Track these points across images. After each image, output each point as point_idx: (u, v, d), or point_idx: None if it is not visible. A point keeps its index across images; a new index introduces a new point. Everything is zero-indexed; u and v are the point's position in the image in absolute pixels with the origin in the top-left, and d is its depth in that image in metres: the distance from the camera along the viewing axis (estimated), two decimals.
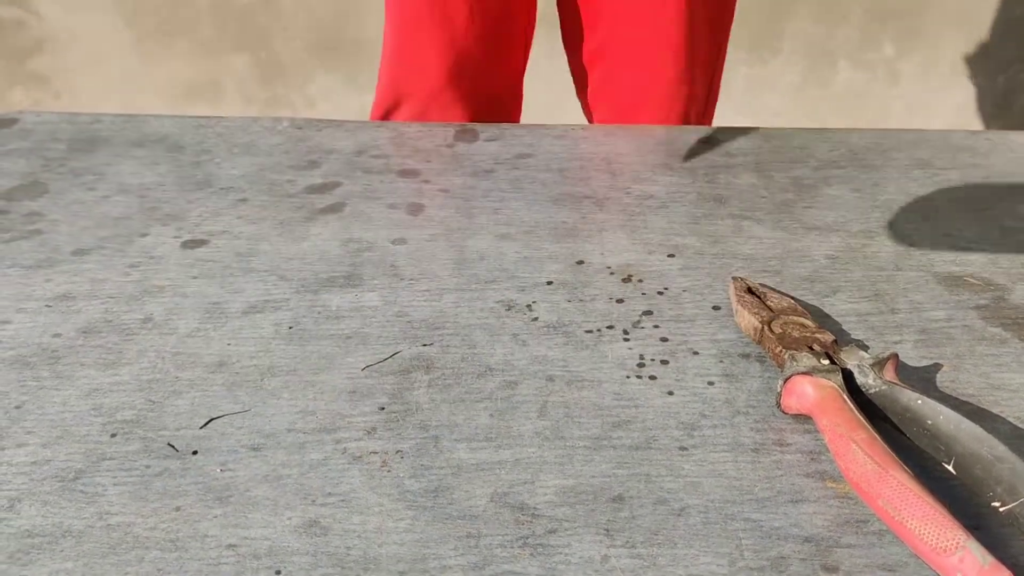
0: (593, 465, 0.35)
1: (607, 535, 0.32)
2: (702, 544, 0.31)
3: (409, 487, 0.34)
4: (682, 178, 0.57)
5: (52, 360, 0.41)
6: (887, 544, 0.31)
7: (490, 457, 0.35)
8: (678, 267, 0.48)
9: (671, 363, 0.40)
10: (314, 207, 0.54)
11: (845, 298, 0.45)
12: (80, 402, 0.38)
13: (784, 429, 0.37)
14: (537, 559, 0.31)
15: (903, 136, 0.63)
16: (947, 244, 0.50)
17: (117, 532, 0.32)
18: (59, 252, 0.49)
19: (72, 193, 0.55)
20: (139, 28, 1.65)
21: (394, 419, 0.37)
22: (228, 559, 0.31)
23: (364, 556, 0.31)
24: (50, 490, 0.34)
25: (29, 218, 0.53)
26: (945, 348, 0.41)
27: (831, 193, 0.55)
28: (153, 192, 0.56)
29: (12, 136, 0.63)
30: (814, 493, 0.34)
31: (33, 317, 0.44)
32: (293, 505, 0.33)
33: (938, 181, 0.56)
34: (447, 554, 0.31)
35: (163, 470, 0.35)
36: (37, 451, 0.36)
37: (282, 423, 0.37)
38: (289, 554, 0.31)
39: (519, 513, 0.33)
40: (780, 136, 0.63)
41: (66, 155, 0.60)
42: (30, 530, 0.32)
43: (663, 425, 0.37)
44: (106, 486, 0.34)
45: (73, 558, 0.31)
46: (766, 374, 0.40)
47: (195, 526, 0.32)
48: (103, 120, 0.65)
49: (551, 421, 0.37)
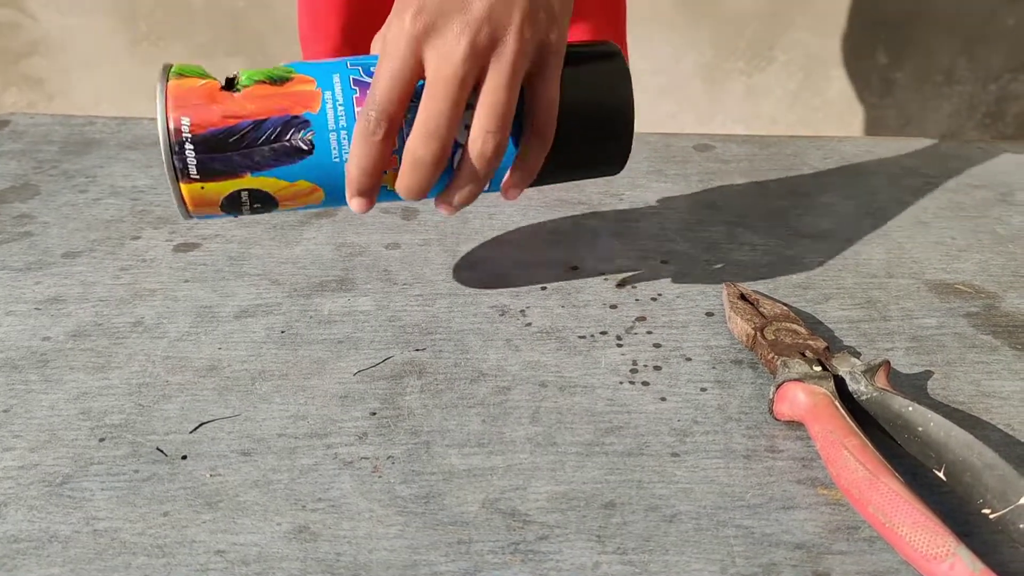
0: (585, 471, 0.35)
1: (598, 541, 0.32)
2: (693, 550, 0.31)
3: (400, 493, 0.34)
4: (676, 184, 0.57)
5: (41, 363, 0.40)
6: (878, 551, 0.31)
7: (482, 463, 0.35)
8: (671, 273, 0.48)
9: (664, 369, 0.40)
10: (307, 211, 0.53)
11: (837, 305, 0.45)
12: (68, 406, 0.38)
13: (776, 435, 0.37)
14: (528, 565, 0.31)
15: (895, 144, 0.63)
16: (939, 252, 0.50)
17: (104, 538, 0.32)
18: (49, 254, 0.49)
19: (64, 195, 0.55)
20: (134, 31, 1.65)
21: (386, 424, 0.37)
22: (216, 565, 0.31)
23: (354, 562, 0.31)
24: (37, 495, 0.33)
25: (20, 220, 0.52)
26: (936, 355, 0.41)
27: (824, 200, 0.55)
28: (145, 195, 0.55)
29: (3, 138, 0.63)
30: (805, 499, 0.33)
31: (22, 320, 0.43)
32: (283, 511, 0.33)
33: (930, 189, 0.57)
34: (438, 560, 0.31)
35: (151, 475, 0.34)
36: (24, 455, 0.35)
37: (273, 428, 0.37)
38: (278, 560, 0.31)
39: (510, 519, 0.33)
40: (774, 143, 0.63)
41: (58, 157, 0.60)
42: (16, 535, 0.32)
43: (655, 431, 0.37)
44: (94, 491, 0.34)
45: (60, 564, 0.31)
46: (758, 380, 0.40)
47: (183, 532, 0.32)
48: (96, 123, 0.65)
49: (543, 427, 0.37)
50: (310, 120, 0.33)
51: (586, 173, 0.41)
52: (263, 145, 0.33)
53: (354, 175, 0.34)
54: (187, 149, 0.33)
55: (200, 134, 0.33)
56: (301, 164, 0.34)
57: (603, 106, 0.38)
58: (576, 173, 0.41)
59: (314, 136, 0.33)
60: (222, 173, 0.34)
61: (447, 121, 0.33)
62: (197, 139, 0.33)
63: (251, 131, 0.33)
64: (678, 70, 1.60)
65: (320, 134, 0.34)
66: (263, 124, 0.33)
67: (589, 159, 0.40)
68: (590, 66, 0.38)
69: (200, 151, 0.33)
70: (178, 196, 0.34)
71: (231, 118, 0.33)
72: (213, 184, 0.34)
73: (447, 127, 0.33)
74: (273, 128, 0.33)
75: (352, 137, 0.34)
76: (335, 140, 0.34)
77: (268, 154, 0.33)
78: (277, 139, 0.33)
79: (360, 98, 0.34)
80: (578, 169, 0.41)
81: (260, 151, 0.33)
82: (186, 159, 0.33)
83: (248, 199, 0.35)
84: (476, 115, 0.34)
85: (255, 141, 0.33)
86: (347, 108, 0.34)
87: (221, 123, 0.33)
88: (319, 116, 0.33)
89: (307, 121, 0.33)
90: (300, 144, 0.33)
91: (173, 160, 0.32)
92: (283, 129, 0.33)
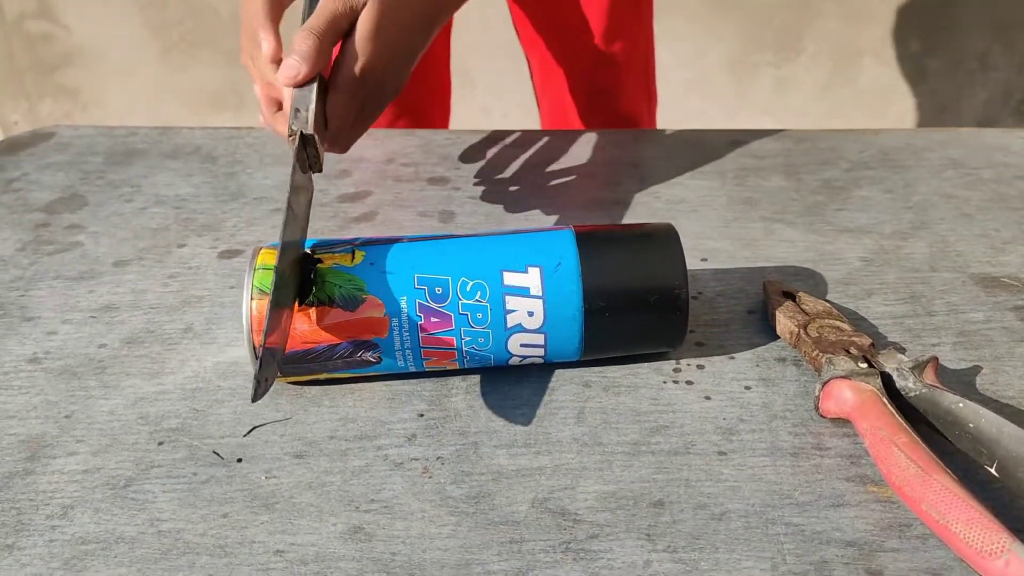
0: (632, 470, 0.35)
1: (648, 540, 0.32)
2: (744, 548, 0.32)
3: (451, 493, 0.34)
4: (711, 181, 0.57)
5: (99, 370, 0.42)
6: (931, 548, 0.31)
7: (530, 463, 0.36)
8: (711, 271, 0.48)
9: (707, 368, 0.41)
10: (347, 216, 0.54)
11: (880, 301, 0.45)
12: (127, 411, 0.39)
13: (823, 433, 0.37)
14: (580, 564, 0.31)
15: (934, 135, 0.62)
16: (983, 244, 0.49)
17: (168, 538, 0.33)
18: (100, 263, 0.50)
19: (110, 205, 0.57)
20: (164, 39, 1.68)
21: (433, 426, 0.38)
22: (276, 565, 0.32)
23: (409, 562, 0.32)
24: (102, 497, 0.35)
25: (70, 230, 0.54)
26: (984, 350, 0.41)
27: (862, 195, 0.55)
28: (188, 203, 0.57)
29: (50, 150, 0.64)
30: (855, 497, 0.34)
31: (78, 328, 0.45)
32: (337, 512, 0.34)
33: (971, 181, 0.56)
34: (490, 559, 0.32)
35: (210, 477, 0.35)
36: (88, 459, 0.36)
37: (323, 430, 0.38)
38: (335, 560, 0.32)
39: (560, 518, 0.33)
40: (809, 138, 0.63)
41: (103, 168, 0.61)
42: (84, 537, 0.33)
43: (701, 430, 0.37)
44: (156, 493, 0.35)
45: (127, 564, 0.32)
46: (802, 378, 0.40)
47: (243, 532, 0.33)
48: (138, 133, 0.66)
49: (589, 427, 0.37)
50: (379, 344, 0.37)
51: (645, 348, 0.41)
52: (336, 359, 0.38)
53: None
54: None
55: (283, 352, 0.37)
56: (370, 369, 0.38)
57: (658, 290, 0.38)
58: (635, 348, 0.41)
59: (382, 354, 0.38)
60: (302, 373, 0.39)
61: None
62: (282, 356, 0.37)
63: (325, 352, 0.37)
64: (704, 63, 1.59)
65: (387, 352, 0.38)
66: (336, 347, 0.37)
67: (647, 338, 0.40)
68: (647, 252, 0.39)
69: (284, 362, 0.38)
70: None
71: (308, 343, 0.37)
72: (294, 377, 0.39)
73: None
74: (345, 350, 0.37)
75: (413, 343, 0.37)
76: (400, 357, 0.38)
77: (341, 364, 0.38)
78: (349, 356, 0.37)
79: (425, 324, 0.37)
80: (636, 345, 0.41)
81: (334, 363, 0.38)
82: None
83: (327, 380, 0.39)
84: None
85: (329, 358, 0.37)
86: (412, 333, 0.37)
87: (300, 346, 0.37)
88: (387, 340, 0.37)
89: (376, 344, 0.37)
90: (369, 359, 0.38)
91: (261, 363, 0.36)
92: (354, 349, 0.37)
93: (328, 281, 0.37)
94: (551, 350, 0.38)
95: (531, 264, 0.37)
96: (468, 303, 0.37)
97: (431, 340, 0.37)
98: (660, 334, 0.40)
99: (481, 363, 0.39)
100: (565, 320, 0.37)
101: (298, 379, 0.39)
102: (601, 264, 0.38)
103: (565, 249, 0.38)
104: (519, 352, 0.38)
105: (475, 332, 0.37)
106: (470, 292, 0.37)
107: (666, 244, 0.39)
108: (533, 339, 0.38)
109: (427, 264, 0.37)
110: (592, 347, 0.39)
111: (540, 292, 0.37)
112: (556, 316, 0.37)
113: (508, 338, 0.37)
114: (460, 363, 0.38)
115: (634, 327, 0.39)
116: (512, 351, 0.38)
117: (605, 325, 0.38)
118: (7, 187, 0.59)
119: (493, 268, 0.37)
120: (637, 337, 0.40)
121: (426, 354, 0.38)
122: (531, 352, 0.38)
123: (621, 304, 0.38)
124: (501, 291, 0.37)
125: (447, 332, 0.37)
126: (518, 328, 0.37)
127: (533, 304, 0.37)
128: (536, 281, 0.37)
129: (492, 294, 0.37)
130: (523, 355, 0.38)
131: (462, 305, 0.37)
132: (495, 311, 0.37)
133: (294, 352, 0.37)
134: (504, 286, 0.37)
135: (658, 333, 0.39)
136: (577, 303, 0.37)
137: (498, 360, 0.39)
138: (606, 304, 0.37)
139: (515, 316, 0.37)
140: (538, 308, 0.37)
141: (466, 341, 0.37)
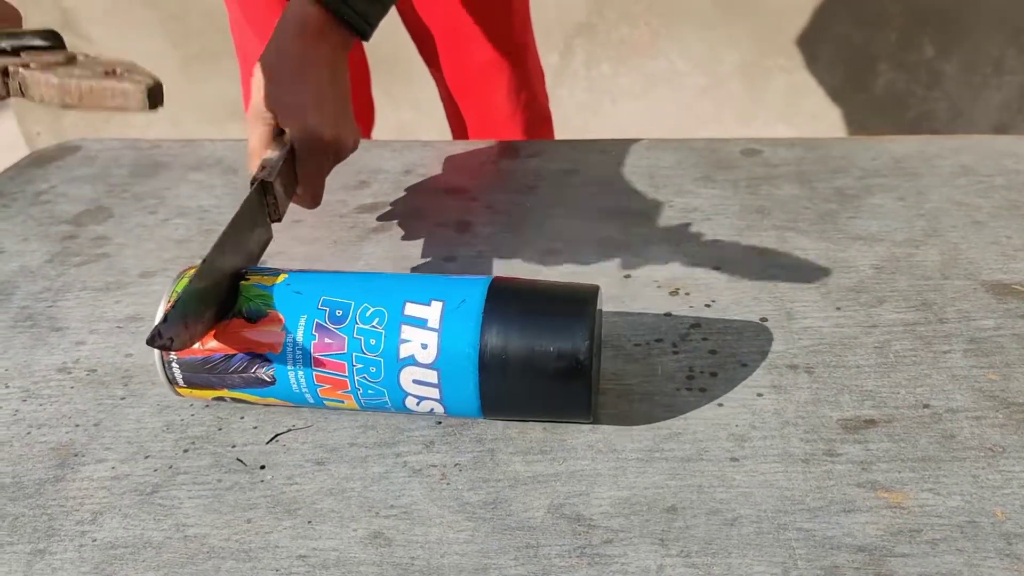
0: (646, 476, 0.36)
1: (662, 545, 0.33)
2: (755, 553, 0.32)
3: (468, 499, 0.35)
4: (724, 190, 0.58)
5: (125, 379, 0.43)
6: (941, 553, 0.32)
7: (545, 469, 0.36)
8: (724, 280, 0.48)
9: (720, 375, 0.41)
10: (366, 227, 0.55)
11: (892, 308, 0.45)
12: (153, 419, 0.40)
13: (834, 440, 0.37)
14: (595, 568, 0.32)
15: (946, 143, 0.63)
16: (995, 252, 0.50)
17: (194, 543, 0.34)
18: (127, 274, 0.52)
19: (135, 217, 0.58)
20: (185, 50, 1.70)
21: (450, 433, 0.39)
22: (299, 569, 0.32)
23: (428, 566, 0.32)
24: (130, 503, 0.36)
25: (96, 242, 0.55)
26: (995, 357, 0.41)
27: (875, 202, 0.55)
28: (211, 214, 0.58)
29: (76, 163, 0.66)
30: (866, 503, 0.34)
31: (105, 337, 0.46)
32: (358, 517, 0.35)
33: (983, 188, 0.56)
34: (507, 564, 0.32)
35: (234, 484, 0.36)
36: (116, 466, 0.38)
37: (344, 438, 0.39)
38: (357, 564, 0.33)
39: (575, 524, 0.34)
40: (821, 146, 0.63)
41: (128, 180, 0.63)
42: (113, 542, 0.34)
43: (714, 436, 0.38)
44: (182, 499, 0.36)
45: (155, 568, 0.33)
46: (814, 385, 0.40)
47: (266, 537, 0.34)
48: (161, 146, 0.68)
49: (603, 434, 0.38)
50: (271, 360, 0.37)
51: (549, 414, 0.39)
52: (233, 373, 0.38)
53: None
54: (174, 366, 0.38)
55: (183, 358, 0.38)
56: (267, 390, 0.38)
57: (561, 358, 0.35)
58: (537, 411, 0.39)
59: (275, 372, 0.37)
60: (204, 386, 0.39)
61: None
62: (181, 361, 0.38)
63: (222, 362, 0.38)
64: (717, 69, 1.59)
65: (280, 373, 0.37)
66: (232, 358, 0.37)
67: (549, 404, 0.38)
68: (556, 309, 0.37)
69: (184, 369, 0.38)
70: (173, 392, 0.40)
71: (207, 351, 0.38)
72: (199, 391, 0.39)
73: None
74: (240, 363, 0.37)
75: (306, 368, 0.37)
76: (293, 378, 0.37)
77: (238, 380, 0.38)
78: (244, 371, 0.38)
79: (318, 344, 0.36)
80: (538, 408, 0.39)
81: (231, 377, 0.38)
82: (174, 373, 0.38)
83: (231, 400, 0.40)
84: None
85: (226, 370, 0.38)
86: (304, 354, 0.37)
87: (199, 352, 0.38)
88: (280, 356, 0.37)
89: (269, 360, 0.37)
90: (263, 376, 0.37)
91: (166, 372, 0.38)
92: (249, 363, 0.37)
93: (243, 295, 0.38)
94: (447, 395, 0.36)
95: (435, 298, 0.36)
96: (364, 327, 0.36)
97: (322, 363, 0.36)
98: (562, 400, 0.37)
99: (375, 399, 0.37)
100: (459, 358, 0.35)
101: (202, 393, 0.39)
102: (505, 310, 0.36)
103: (475, 290, 0.37)
104: (413, 391, 0.36)
105: (367, 360, 0.36)
106: (368, 317, 0.36)
107: (580, 307, 0.36)
108: (426, 375, 0.36)
109: (336, 289, 0.38)
110: (491, 400, 0.36)
111: (437, 325, 0.36)
112: (450, 352, 0.35)
113: (400, 370, 0.36)
114: (354, 395, 0.37)
115: (534, 389, 0.36)
116: (405, 388, 0.36)
117: (502, 378, 0.35)
118: (35, 199, 0.61)
119: (397, 297, 0.37)
120: (538, 401, 0.37)
121: (319, 379, 0.37)
122: (426, 393, 0.36)
123: (520, 357, 0.35)
124: (399, 320, 0.36)
125: (339, 355, 0.36)
126: (410, 360, 0.36)
127: (428, 336, 0.35)
128: (436, 314, 0.36)
129: (390, 321, 0.36)
130: (419, 395, 0.36)
131: (357, 329, 0.36)
132: (389, 339, 0.36)
133: (193, 358, 0.37)
134: (403, 315, 0.36)
135: (561, 399, 0.37)
136: (472, 341, 0.35)
137: (394, 400, 0.37)
138: (503, 351, 0.35)
139: (408, 347, 0.35)
140: (432, 341, 0.35)
141: (358, 369, 0.36)
